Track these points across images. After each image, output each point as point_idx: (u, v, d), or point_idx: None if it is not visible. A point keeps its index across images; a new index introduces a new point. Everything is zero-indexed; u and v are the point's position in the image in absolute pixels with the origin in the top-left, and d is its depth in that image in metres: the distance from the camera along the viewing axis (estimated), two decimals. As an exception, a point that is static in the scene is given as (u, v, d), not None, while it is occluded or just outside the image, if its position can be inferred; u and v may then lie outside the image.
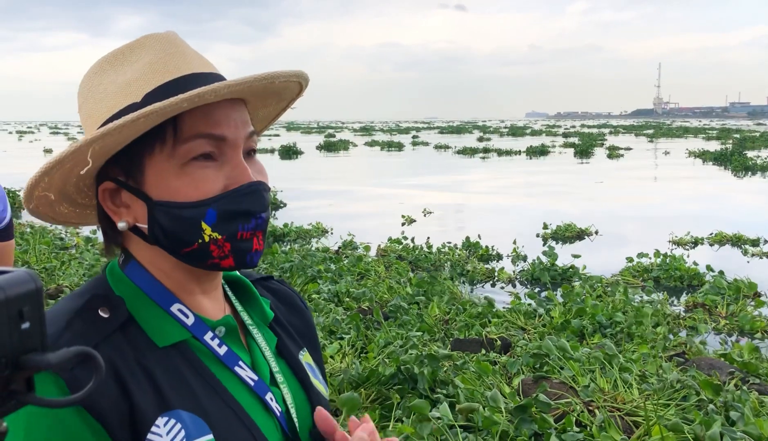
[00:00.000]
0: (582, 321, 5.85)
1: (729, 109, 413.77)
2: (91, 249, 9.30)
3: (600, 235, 11.32)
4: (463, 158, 32.73)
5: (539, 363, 4.66)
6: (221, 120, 0.88)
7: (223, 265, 0.90)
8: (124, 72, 0.91)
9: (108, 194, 0.91)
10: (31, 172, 0.89)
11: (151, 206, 0.88)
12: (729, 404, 3.90)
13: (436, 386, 4.30)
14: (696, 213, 13.69)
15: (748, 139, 41.99)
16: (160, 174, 0.87)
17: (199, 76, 0.90)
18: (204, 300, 0.96)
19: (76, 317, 0.85)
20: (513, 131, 67.84)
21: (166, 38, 0.93)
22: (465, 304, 6.51)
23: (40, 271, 7.81)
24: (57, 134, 72.81)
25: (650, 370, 4.58)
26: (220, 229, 0.87)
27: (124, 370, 0.82)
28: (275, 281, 1.16)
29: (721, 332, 6.30)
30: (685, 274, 8.03)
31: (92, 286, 0.93)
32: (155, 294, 0.91)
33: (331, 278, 7.52)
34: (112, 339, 0.84)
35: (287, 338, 1.07)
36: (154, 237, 0.89)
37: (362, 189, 19.04)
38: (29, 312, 0.48)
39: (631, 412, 3.93)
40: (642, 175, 22.28)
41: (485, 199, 17.29)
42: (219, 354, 0.92)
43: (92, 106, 0.92)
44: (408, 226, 12.45)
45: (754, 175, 21.59)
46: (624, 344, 5.43)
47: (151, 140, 0.86)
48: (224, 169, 0.89)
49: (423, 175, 23.75)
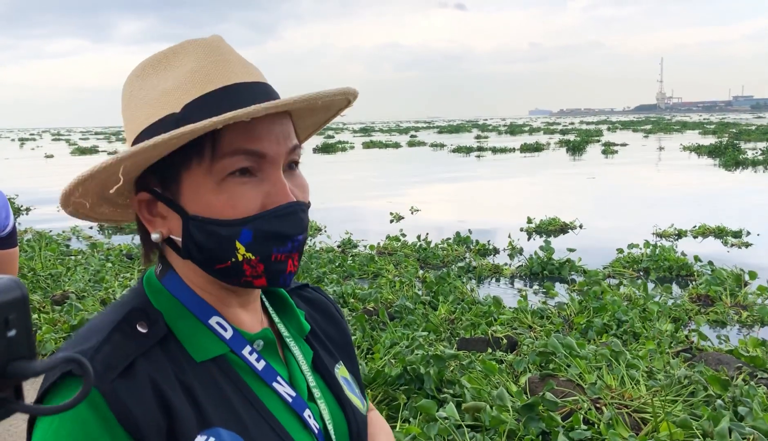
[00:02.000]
0: (603, 319, 5.80)
1: (732, 102, 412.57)
2: (96, 255, 9.32)
3: (584, 228, 11.51)
4: (457, 156, 32.86)
5: (546, 361, 4.65)
6: (263, 135, 0.85)
7: (255, 283, 0.88)
8: (165, 78, 0.88)
9: (144, 204, 0.90)
10: (29, 179, 0.88)
11: (186, 220, 0.86)
12: (737, 399, 3.89)
13: (442, 386, 4.29)
14: (682, 206, 13.90)
15: (744, 132, 42.21)
16: (196, 188, 0.85)
17: (242, 87, 0.87)
18: (242, 313, 0.94)
19: (116, 331, 0.83)
20: (511, 129, 68.17)
21: (210, 44, 0.90)
22: (471, 302, 6.51)
23: (45, 277, 7.83)
24: (59, 141, 73.10)
25: (657, 367, 4.56)
26: (254, 250, 0.85)
27: (165, 386, 0.81)
28: (311, 289, 1.15)
29: (744, 324, 6.26)
30: (674, 264, 8.10)
31: (130, 297, 0.91)
32: (194, 306, 0.90)
33: (337, 280, 7.53)
34: (151, 354, 0.83)
35: (323, 351, 1.05)
36: (187, 251, 0.88)
37: (349, 189, 19.14)
38: (15, 319, 0.48)
39: (638, 408, 3.92)
40: (633, 170, 22.39)
41: (473, 194, 17.55)
42: (257, 369, 0.91)
43: (133, 112, 0.90)
44: (396, 223, 12.59)
45: (745, 169, 21.78)
46: (630, 342, 5.42)
47: (189, 154, 0.84)
48: (263, 186, 0.86)
49: (415, 174, 24.01)
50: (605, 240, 9.85)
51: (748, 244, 9.89)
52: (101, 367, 0.78)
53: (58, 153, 42.72)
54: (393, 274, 7.97)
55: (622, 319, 5.77)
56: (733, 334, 5.90)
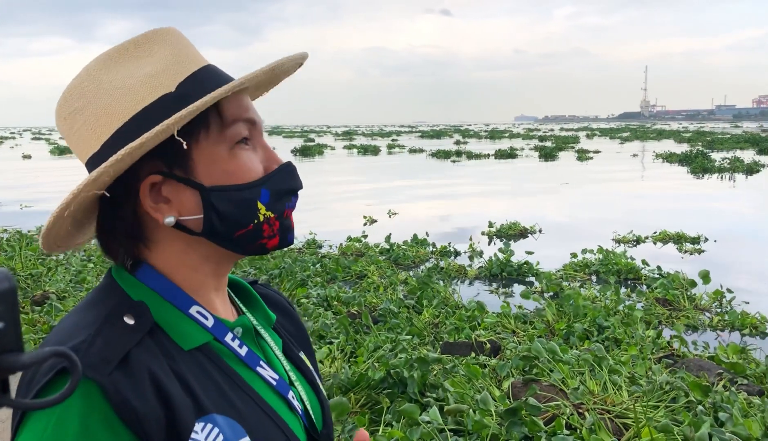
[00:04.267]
0: (583, 324, 5.84)
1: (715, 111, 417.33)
2: (78, 254, 9.23)
3: (543, 233, 11.69)
4: (435, 161, 33.11)
5: (529, 366, 4.66)
6: (249, 106, 0.94)
7: (269, 245, 0.93)
8: (140, 66, 0.89)
9: (148, 192, 0.88)
10: (8, 180, 0.86)
11: (206, 193, 0.88)
12: (718, 405, 3.92)
13: (425, 390, 4.29)
14: (644, 212, 14.15)
15: (717, 141, 43.11)
16: (210, 159, 0.88)
17: (213, 67, 0.94)
18: (217, 301, 0.96)
19: (106, 324, 0.82)
20: (491, 135, 68.88)
21: (176, 33, 0.94)
22: (454, 307, 6.52)
23: (26, 277, 7.74)
24: (39, 140, 72.29)
25: (639, 372, 4.59)
26: (273, 208, 0.91)
27: (161, 376, 0.80)
28: (261, 286, 1.16)
29: (715, 329, 6.38)
30: (623, 268, 8.36)
31: (106, 293, 0.89)
32: (173, 297, 0.90)
33: (321, 283, 7.51)
34: (144, 344, 0.82)
35: (288, 340, 1.08)
36: (209, 225, 0.89)
37: (315, 190, 19.18)
38: (3, 311, 0.47)
39: (620, 414, 3.94)
40: (603, 177, 22.72)
41: (438, 199, 17.69)
42: (241, 355, 0.92)
43: (108, 103, 0.87)
44: (370, 226, 12.67)
45: (711, 175, 22.32)
46: (611, 348, 5.44)
47: (196, 128, 0.87)
48: (259, 152, 0.93)
49: (389, 177, 24.18)
50: (563, 245, 10.04)
51: (701, 250, 10.20)
52: (97, 360, 0.77)
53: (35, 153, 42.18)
54: (377, 275, 7.98)
55: (602, 324, 5.80)
56: (704, 340, 5.97)
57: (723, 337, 6.12)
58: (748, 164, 23.88)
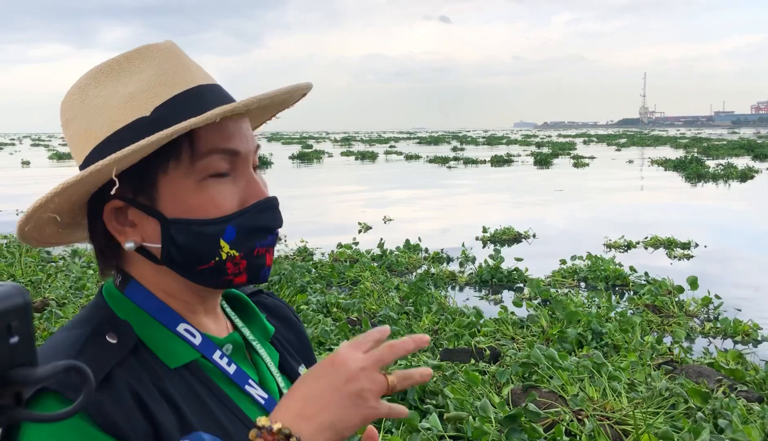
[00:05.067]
0: (577, 329, 5.84)
1: (714, 118, 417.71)
2: (78, 262, 9.23)
3: (536, 238, 11.80)
4: (432, 166, 33.21)
5: (528, 372, 4.67)
6: (234, 134, 0.87)
7: (235, 282, 0.89)
8: (125, 84, 0.87)
9: (113, 213, 0.87)
10: (7, 187, 0.86)
11: (166, 224, 0.85)
12: (717, 412, 3.92)
13: (425, 397, 4.29)
14: (637, 217, 14.26)
15: (713, 147, 43.39)
16: (176, 191, 0.85)
17: (204, 89, 0.88)
18: (207, 319, 0.94)
19: (88, 343, 0.81)
20: (489, 141, 69.36)
21: (168, 49, 0.90)
22: (453, 313, 6.52)
23: (26, 283, 7.74)
24: (38, 146, 72.30)
25: (639, 379, 4.59)
26: (238, 247, 0.86)
27: (144, 394, 0.80)
28: (266, 295, 1.15)
29: (707, 335, 6.41)
30: (611, 274, 8.42)
31: (93, 311, 0.89)
32: (160, 315, 0.89)
33: (321, 289, 7.51)
34: (126, 363, 0.81)
35: (286, 353, 1.06)
36: (167, 256, 0.86)
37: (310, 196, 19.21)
38: (18, 326, 0.48)
39: (620, 420, 3.94)
40: (596, 184, 22.80)
41: (433, 205, 17.76)
42: (229, 373, 0.91)
43: (90, 120, 0.87)
44: (364, 233, 12.68)
45: (706, 182, 22.50)
46: (610, 355, 5.44)
47: (165, 156, 0.84)
48: (238, 184, 0.88)
49: (385, 183, 24.29)
50: (555, 250, 10.08)
51: (690, 255, 10.30)
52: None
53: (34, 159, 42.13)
54: (371, 281, 7.99)
55: (598, 330, 5.81)
56: (698, 346, 5.99)
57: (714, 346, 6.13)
58: (742, 170, 24.05)
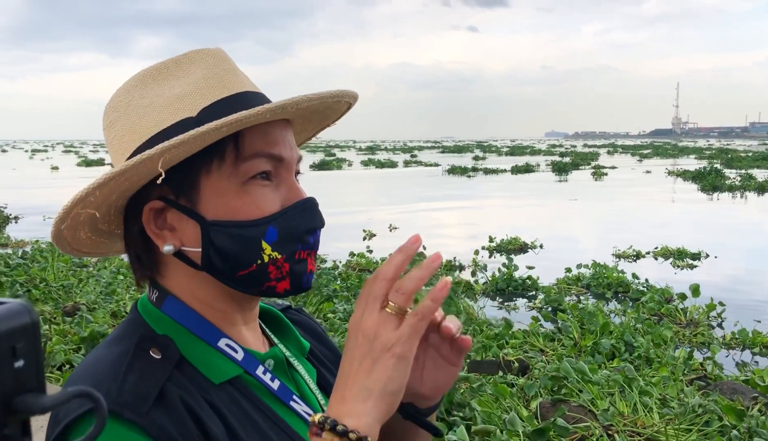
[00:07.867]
0: (610, 340, 5.77)
1: (749, 128, 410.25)
2: (108, 266, 9.35)
3: (543, 248, 11.77)
4: (450, 177, 33.21)
5: (557, 386, 4.60)
6: (278, 140, 0.86)
7: (278, 288, 0.86)
8: (172, 86, 0.87)
9: (152, 216, 0.86)
10: (36, 192, 0.85)
11: (206, 227, 0.84)
12: (753, 430, 3.82)
13: (452, 409, 4.24)
14: (648, 227, 14.25)
15: (736, 158, 43.14)
16: (218, 193, 0.83)
17: (250, 95, 0.88)
18: (246, 332, 0.92)
19: (134, 360, 0.79)
20: (512, 151, 69.20)
21: (217, 54, 0.90)
22: (481, 324, 6.46)
23: (57, 288, 7.84)
24: (69, 153, 73.72)
25: (671, 394, 4.50)
26: (280, 249, 0.84)
27: (196, 407, 0.77)
28: (294, 311, 1.13)
29: (729, 347, 6.37)
30: (613, 281, 8.57)
31: (131, 328, 0.87)
32: (200, 330, 0.87)
33: (347, 297, 7.50)
34: (174, 377, 0.79)
35: (324, 369, 1.04)
36: (207, 260, 0.84)
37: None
38: (23, 348, 0.43)
39: (651, 437, 3.86)
40: (611, 193, 22.80)
41: (442, 213, 17.75)
42: (273, 389, 0.89)
43: (135, 120, 0.86)
44: (369, 241, 12.70)
45: (722, 193, 22.33)
46: (642, 368, 5.35)
47: (209, 157, 0.83)
48: (280, 190, 0.86)
49: (399, 191, 24.52)
50: (563, 259, 10.08)
51: (693, 265, 10.42)
52: (133, 399, 0.74)
53: (63, 165, 42.99)
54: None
55: (630, 342, 5.71)
56: (718, 358, 5.87)
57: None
58: (760, 182, 23.69)
